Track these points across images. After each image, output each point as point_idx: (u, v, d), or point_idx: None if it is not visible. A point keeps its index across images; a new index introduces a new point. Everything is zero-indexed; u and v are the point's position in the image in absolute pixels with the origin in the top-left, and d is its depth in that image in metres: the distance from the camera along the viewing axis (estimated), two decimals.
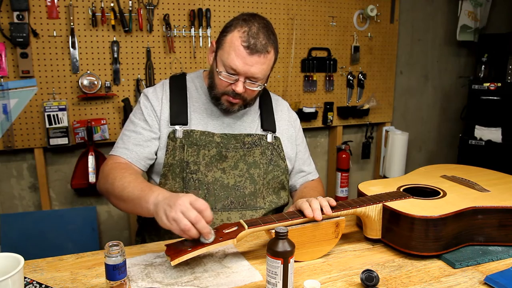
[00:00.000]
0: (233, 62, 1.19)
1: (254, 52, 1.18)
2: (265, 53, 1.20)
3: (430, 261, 1.06)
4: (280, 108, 1.46)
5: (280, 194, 1.39)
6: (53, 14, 2.07)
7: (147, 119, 1.30)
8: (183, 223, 0.92)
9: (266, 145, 1.35)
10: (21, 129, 2.10)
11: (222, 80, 1.24)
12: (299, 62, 2.67)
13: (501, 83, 2.73)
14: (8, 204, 2.20)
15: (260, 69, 1.21)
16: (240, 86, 1.22)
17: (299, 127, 1.51)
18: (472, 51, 3.29)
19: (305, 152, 1.52)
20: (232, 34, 1.21)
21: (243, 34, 1.19)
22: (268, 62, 1.23)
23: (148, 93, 1.34)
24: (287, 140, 1.42)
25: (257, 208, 1.32)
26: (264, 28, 1.21)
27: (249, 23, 1.20)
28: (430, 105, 3.31)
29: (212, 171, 1.28)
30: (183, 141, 1.28)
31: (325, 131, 2.96)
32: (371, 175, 3.20)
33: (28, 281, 0.95)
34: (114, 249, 0.88)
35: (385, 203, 1.11)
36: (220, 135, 1.31)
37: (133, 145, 1.28)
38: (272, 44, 1.22)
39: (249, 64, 1.19)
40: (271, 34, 1.23)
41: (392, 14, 2.90)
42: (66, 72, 2.14)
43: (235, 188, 1.30)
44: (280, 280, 0.86)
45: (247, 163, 1.32)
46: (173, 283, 0.96)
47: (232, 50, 1.19)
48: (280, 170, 1.37)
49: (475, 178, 1.30)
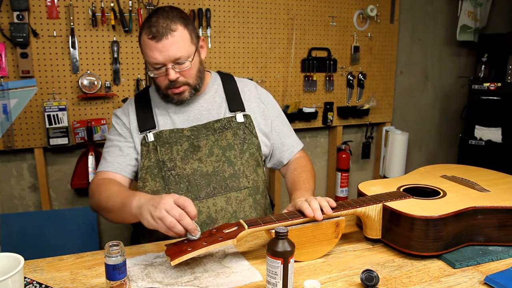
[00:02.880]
0: (152, 57, 1.24)
1: (160, 37, 1.21)
2: (170, 32, 1.22)
3: (430, 261, 1.06)
4: (247, 88, 1.48)
5: (258, 172, 1.41)
6: (53, 14, 2.07)
7: (121, 132, 1.38)
8: (169, 221, 0.96)
9: (237, 126, 1.38)
10: (21, 129, 2.10)
11: (157, 78, 1.29)
12: (299, 62, 2.67)
13: (501, 83, 2.73)
14: (8, 204, 2.20)
15: (176, 49, 1.23)
16: (171, 73, 1.25)
17: (272, 102, 1.52)
18: (472, 51, 3.29)
19: (283, 125, 1.52)
20: (142, 35, 1.26)
21: (147, 29, 1.24)
22: (180, 38, 1.24)
23: (117, 112, 1.43)
24: (259, 117, 1.44)
25: (241, 188, 1.35)
26: (163, 14, 1.25)
27: (149, 19, 1.25)
28: (430, 105, 3.31)
29: (189, 163, 1.32)
30: (155, 143, 1.33)
31: (325, 131, 2.96)
32: (371, 175, 3.20)
33: (28, 281, 0.95)
34: (114, 249, 0.88)
35: (385, 203, 1.11)
36: (190, 129, 1.35)
37: (113, 157, 1.35)
38: (176, 21, 1.24)
39: (163, 50, 1.22)
40: (174, 15, 1.25)
41: (392, 14, 2.90)
42: (66, 72, 2.14)
43: (215, 173, 1.33)
44: (280, 280, 0.86)
45: (221, 147, 1.35)
46: (173, 283, 0.96)
47: (145, 48, 1.25)
48: (254, 147, 1.39)
49: (475, 178, 1.30)
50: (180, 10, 1.30)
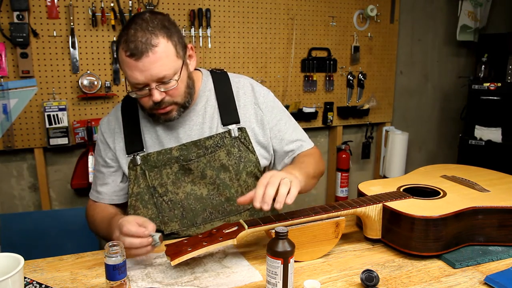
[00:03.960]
0: (132, 77, 1.08)
1: (140, 55, 1.04)
2: (150, 48, 1.05)
3: (430, 261, 1.06)
4: (243, 91, 1.30)
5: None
6: (53, 14, 2.07)
7: (103, 155, 1.30)
8: (126, 244, 0.97)
9: (231, 143, 1.24)
10: (21, 129, 2.10)
11: (141, 99, 1.14)
12: (299, 62, 2.67)
13: (501, 83, 2.73)
14: (8, 204, 2.20)
15: (159, 67, 1.07)
16: (155, 94, 1.09)
17: (272, 103, 1.33)
18: (472, 51, 3.29)
19: (287, 129, 1.33)
20: (120, 50, 1.09)
21: (124, 44, 1.06)
22: (164, 54, 1.07)
23: (102, 124, 1.31)
24: (256, 126, 1.28)
25: (241, 211, 1.26)
26: (141, 25, 1.06)
27: (126, 30, 1.08)
28: (430, 105, 3.31)
29: (181, 187, 1.23)
30: (143, 167, 1.23)
31: (325, 131, 2.96)
32: (371, 175, 3.20)
33: (28, 281, 0.95)
34: (114, 249, 0.88)
35: (385, 203, 1.11)
36: (179, 148, 1.22)
37: (100, 186, 1.31)
38: (157, 34, 1.06)
39: (144, 69, 1.06)
40: (154, 25, 1.07)
41: (392, 14, 2.90)
42: (66, 72, 2.14)
43: (210, 197, 1.23)
44: (280, 280, 0.86)
45: (215, 169, 1.22)
46: (173, 283, 0.96)
47: (124, 66, 1.09)
48: (252, 165, 1.26)
49: (475, 178, 1.30)
50: (162, 17, 1.12)
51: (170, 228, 1.24)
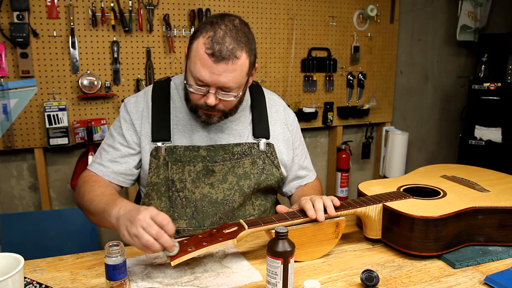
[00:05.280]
0: (199, 73, 1.08)
1: (220, 60, 1.06)
2: (233, 59, 1.07)
3: (430, 261, 1.06)
4: (275, 109, 1.35)
5: (268, 196, 1.35)
6: (53, 14, 2.07)
7: (125, 134, 1.23)
8: (145, 239, 0.90)
9: (257, 154, 1.26)
10: (21, 129, 2.10)
11: (193, 93, 1.14)
12: (299, 62, 2.67)
13: (501, 83, 2.73)
14: (8, 204, 2.20)
15: (230, 78, 1.08)
16: (211, 98, 1.11)
17: (297, 128, 1.40)
18: (472, 51, 3.29)
19: (302, 155, 1.41)
20: (198, 41, 1.08)
21: (208, 40, 1.06)
22: (240, 68, 1.09)
23: (128, 104, 1.26)
24: (282, 145, 1.32)
25: (246, 217, 1.28)
26: (232, 31, 1.08)
27: (215, 27, 1.08)
28: (430, 105, 3.31)
29: (199, 187, 1.22)
30: (166, 159, 1.20)
31: (325, 131, 2.96)
32: (371, 175, 3.20)
33: (28, 281, 0.95)
34: (114, 249, 0.88)
35: (385, 203, 1.11)
36: (207, 148, 1.22)
37: (109, 161, 1.22)
38: (243, 48, 1.09)
39: (216, 73, 1.07)
40: (242, 37, 1.09)
41: (392, 14, 2.90)
42: (66, 72, 2.14)
43: (224, 202, 1.24)
44: (280, 280, 0.86)
45: (237, 175, 1.24)
46: (173, 283, 0.96)
47: (197, 59, 1.08)
48: (274, 179, 1.29)
49: (475, 178, 1.30)
50: (248, 30, 1.13)
51: (177, 225, 1.23)
